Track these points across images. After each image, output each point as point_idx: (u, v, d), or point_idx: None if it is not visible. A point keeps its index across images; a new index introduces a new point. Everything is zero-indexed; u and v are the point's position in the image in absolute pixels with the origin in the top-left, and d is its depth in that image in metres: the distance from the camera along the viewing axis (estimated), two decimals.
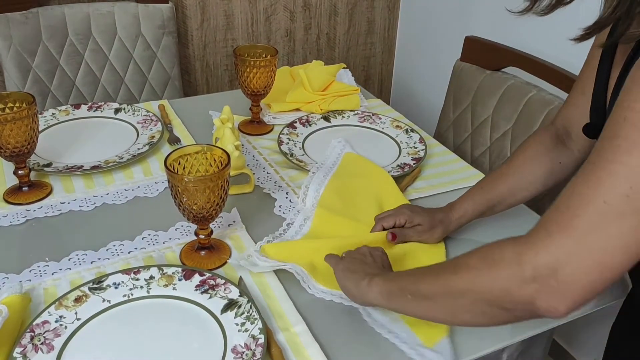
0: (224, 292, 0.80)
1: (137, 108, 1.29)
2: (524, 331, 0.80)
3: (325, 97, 1.36)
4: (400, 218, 0.93)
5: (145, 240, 0.93)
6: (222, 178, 0.82)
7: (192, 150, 0.86)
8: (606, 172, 0.52)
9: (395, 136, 1.27)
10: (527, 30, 1.62)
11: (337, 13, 2.12)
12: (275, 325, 0.77)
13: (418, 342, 0.75)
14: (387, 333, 0.77)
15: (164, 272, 0.83)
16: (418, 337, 0.76)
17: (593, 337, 1.60)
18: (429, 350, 0.73)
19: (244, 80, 1.22)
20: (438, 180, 1.13)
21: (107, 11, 1.66)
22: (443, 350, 0.74)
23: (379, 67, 2.33)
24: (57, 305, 0.77)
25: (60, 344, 0.72)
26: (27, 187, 1.02)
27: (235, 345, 0.72)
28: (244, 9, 1.95)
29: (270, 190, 1.08)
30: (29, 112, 0.95)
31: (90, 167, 1.09)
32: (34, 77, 1.63)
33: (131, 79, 1.76)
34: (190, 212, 0.83)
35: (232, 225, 0.97)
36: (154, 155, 1.17)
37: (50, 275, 0.85)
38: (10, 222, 0.96)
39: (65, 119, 1.26)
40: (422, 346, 0.74)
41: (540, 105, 1.26)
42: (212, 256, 0.89)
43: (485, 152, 1.41)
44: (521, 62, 1.32)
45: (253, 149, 1.22)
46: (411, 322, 0.77)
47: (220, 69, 2.02)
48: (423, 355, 0.73)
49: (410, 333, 0.76)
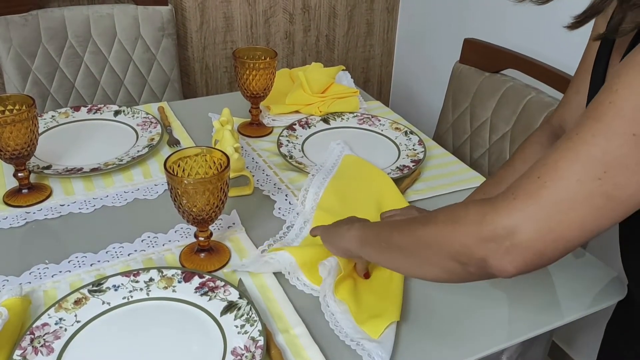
0: (223, 294, 0.80)
1: (136, 110, 1.30)
2: (524, 332, 0.80)
3: (324, 99, 1.36)
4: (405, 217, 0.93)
5: (144, 243, 0.93)
6: (222, 180, 0.82)
7: (192, 152, 0.86)
8: (584, 151, 0.53)
9: (395, 138, 1.27)
10: (526, 33, 1.62)
11: (336, 15, 2.12)
12: (274, 327, 0.78)
13: (362, 336, 0.76)
14: (334, 325, 0.78)
15: (164, 274, 0.83)
16: (363, 330, 0.77)
17: (592, 339, 1.61)
18: (369, 342, 0.74)
19: (243, 83, 1.22)
20: (437, 182, 1.13)
21: (106, 13, 1.66)
22: (385, 340, 0.75)
23: (378, 69, 2.33)
24: (56, 307, 0.77)
25: (60, 346, 0.72)
26: (27, 189, 1.02)
27: (235, 348, 0.72)
28: (243, 11, 1.95)
29: (270, 193, 1.08)
30: (29, 115, 0.95)
31: (90, 170, 1.09)
32: (34, 79, 1.63)
33: (131, 81, 1.76)
34: (190, 215, 0.83)
35: (231, 227, 0.97)
36: (153, 157, 1.17)
37: (50, 277, 0.85)
38: (10, 224, 0.96)
39: (64, 121, 1.27)
40: (365, 339, 0.75)
41: (539, 107, 1.26)
42: (211, 258, 0.89)
43: (484, 154, 1.41)
44: (520, 65, 1.32)
45: (252, 151, 1.22)
46: (357, 317, 0.78)
47: (220, 71, 2.02)
48: (363, 348, 0.74)
49: (355, 328, 0.77)
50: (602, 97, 0.54)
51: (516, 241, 0.55)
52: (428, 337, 0.78)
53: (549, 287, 0.88)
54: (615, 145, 0.51)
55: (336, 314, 0.79)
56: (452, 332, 0.79)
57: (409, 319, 0.81)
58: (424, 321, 0.81)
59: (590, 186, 0.52)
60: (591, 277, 0.90)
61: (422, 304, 0.83)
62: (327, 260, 0.83)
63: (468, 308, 0.83)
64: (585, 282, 0.89)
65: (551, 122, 0.91)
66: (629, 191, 0.52)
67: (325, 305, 0.80)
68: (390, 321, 0.77)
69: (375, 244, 0.73)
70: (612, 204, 0.52)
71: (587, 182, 0.52)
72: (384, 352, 0.73)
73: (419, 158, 1.18)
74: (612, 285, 0.89)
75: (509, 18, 1.69)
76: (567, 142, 0.55)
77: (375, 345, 0.74)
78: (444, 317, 0.82)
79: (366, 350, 0.74)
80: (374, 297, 0.82)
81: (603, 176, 0.52)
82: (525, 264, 0.56)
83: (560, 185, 0.53)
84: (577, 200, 0.53)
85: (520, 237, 0.55)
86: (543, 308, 0.84)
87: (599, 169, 0.52)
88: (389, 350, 0.74)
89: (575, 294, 0.87)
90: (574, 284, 0.89)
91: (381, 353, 0.73)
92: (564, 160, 0.54)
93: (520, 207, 0.55)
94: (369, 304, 0.80)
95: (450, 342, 0.78)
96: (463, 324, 0.81)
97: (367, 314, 0.79)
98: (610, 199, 0.52)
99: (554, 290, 0.88)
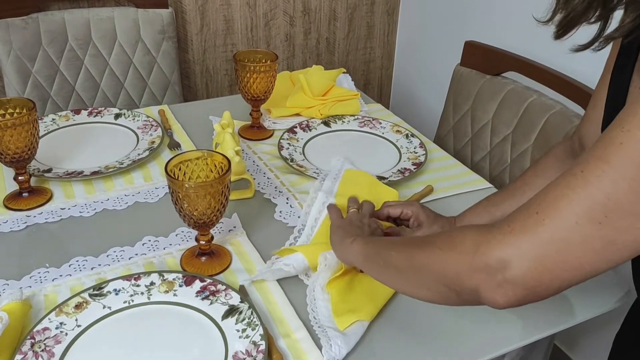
0: (224, 298, 0.80)
1: (137, 113, 1.29)
2: (525, 336, 0.80)
3: (325, 102, 1.36)
4: (407, 209, 0.93)
5: (145, 246, 0.93)
6: (223, 184, 0.82)
7: (193, 156, 0.86)
8: (586, 193, 0.51)
9: (396, 141, 1.27)
10: (526, 35, 1.62)
11: (336, 18, 2.12)
12: (276, 331, 0.77)
13: (331, 325, 0.77)
14: (310, 309, 0.80)
15: (165, 278, 0.83)
16: (334, 321, 0.78)
17: (594, 343, 1.60)
18: (334, 331, 0.76)
19: (244, 86, 1.22)
20: (438, 185, 1.13)
21: (107, 16, 1.66)
22: (350, 333, 0.76)
23: (379, 72, 2.33)
24: (57, 311, 0.76)
25: (61, 351, 0.72)
26: (27, 193, 1.02)
27: (236, 352, 0.72)
28: (244, 13, 1.95)
29: (271, 196, 1.08)
30: (29, 118, 0.95)
31: (91, 173, 1.08)
32: (34, 82, 1.63)
33: (131, 84, 1.76)
34: (191, 218, 0.83)
35: (232, 230, 0.97)
36: (154, 160, 1.16)
37: (51, 281, 0.85)
38: (11, 228, 0.96)
39: (65, 124, 1.26)
40: (331, 328, 0.77)
41: (540, 110, 1.26)
42: (212, 262, 0.89)
43: (485, 157, 1.41)
44: (521, 67, 1.32)
45: (253, 154, 1.22)
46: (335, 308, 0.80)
47: (220, 73, 2.02)
48: (326, 335, 0.75)
49: (329, 318, 0.79)
50: (613, 134, 0.51)
51: (508, 276, 0.54)
52: (427, 341, 0.78)
53: None
54: (621, 191, 0.49)
55: (317, 300, 0.81)
56: (452, 337, 0.79)
57: (407, 323, 0.81)
58: (422, 325, 0.81)
59: (589, 229, 0.50)
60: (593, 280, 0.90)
61: (421, 309, 0.83)
62: (330, 254, 0.84)
63: (468, 312, 0.83)
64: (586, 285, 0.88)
65: (572, 138, 0.89)
66: (630, 236, 0.50)
67: (312, 290, 0.83)
68: (359, 318, 0.78)
69: (374, 261, 0.73)
70: (612, 248, 0.51)
71: (586, 225, 0.51)
72: (343, 343, 0.74)
73: (420, 161, 1.18)
74: (614, 289, 0.88)
75: (510, 21, 1.69)
76: (571, 178, 0.52)
77: (337, 335, 0.75)
78: (443, 321, 0.81)
79: (328, 337, 0.75)
80: (358, 294, 0.83)
81: (604, 220, 0.50)
82: (517, 299, 0.55)
83: (557, 225, 0.52)
84: (574, 242, 0.51)
85: (513, 273, 0.54)
86: (544, 312, 0.84)
87: (600, 213, 0.50)
88: (350, 344, 0.75)
89: (577, 298, 0.87)
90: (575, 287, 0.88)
91: (340, 343, 0.74)
92: (565, 199, 0.52)
93: (514, 242, 0.54)
94: (351, 299, 0.82)
95: (450, 347, 0.77)
96: (463, 328, 0.81)
97: (345, 308, 0.80)
98: (610, 243, 0.50)
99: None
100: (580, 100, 1.18)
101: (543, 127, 1.25)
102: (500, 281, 0.54)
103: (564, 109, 1.22)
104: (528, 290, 0.54)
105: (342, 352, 0.73)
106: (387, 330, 0.79)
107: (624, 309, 0.87)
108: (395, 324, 0.80)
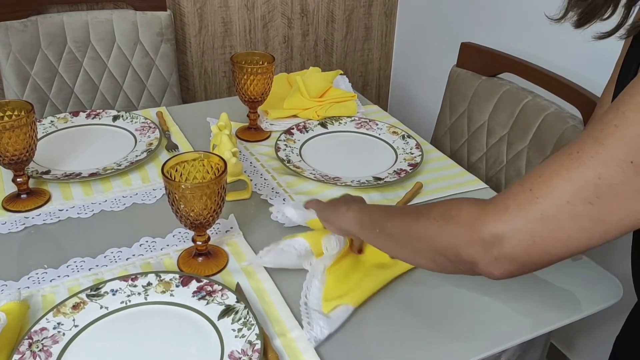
0: (221, 298, 0.80)
1: (135, 115, 1.30)
2: (521, 334, 0.80)
3: (322, 104, 1.37)
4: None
5: (142, 247, 0.93)
6: (219, 185, 0.82)
7: (190, 157, 0.86)
8: (579, 173, 0.53)
9: (392, 142, 1.28)
10: (522, 37, 1.63)
11: (334, 19, 2.13)
12: (272, 331, 0.78)
13: (316, 309, 0.79)
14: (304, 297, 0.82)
15: (162, 278, 0.83)
16: (322, 304, 0.80)
17: (591, 341, 1.61)
18: (318, 313, 0.78)
19: (241, 87, 1.23)
20: (434, 186, 1.14)
21: (105, 19, 1.67)
22: (334, 316, 0.78)
23: (377, 73, 2.34)
24: (55, 312, 0.77)
25: (58, 351, 0.73)
26: (26, 194, 1.03)
27: (232, 351, 0.73)
28: (242, 16, 1.96)
29: (268, 197, 1.08)
30: (28, 120, 0.95)
31: (89, 175, 1.09)
32: (33, 84, 1.64)
33: (129, 86, 1.76)
34: (188, 219, 0.83)
35: (229, 231, 0.98)
36: (152, 162, 1.17)
37: (49, 282, 0.85)
38: (9, 229, 0.96)
39: (63, 126, 1.27)
40: (316, 311, 0.79)
41: (536, 111, 1.27)
42: (209, 262, 0.89)
43: (481, 158, 1.42)
44: (517, 68, 1.33)
45: (250, 155, 1.23)
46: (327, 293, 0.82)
47: (219, 75, 2.03)
48: (309, 317, 0.78)
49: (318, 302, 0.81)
50: (610, 117, 0.52)
51: (503, 251, 0.57)
52: (423, 339, 0.79)
53: (546, 290, 0.88)
54: (612, 173, 0.51)
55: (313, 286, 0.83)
56: (449, 334, 0.79)
57: (404, 321, 0.81)
58: (419, 323, 0.81)
59: (580, 209, 0.52)
60: (588, 279, 0.91)
61: (418, 306, 0.84)
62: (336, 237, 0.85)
63: (465, 309, 0.84)
64: (582, 284, 0.90)
65: None
66: (619, 216, 0.52)
67: (311, 276, 0.84)
68: (344, 302, 0.80)
69: (370, 229, 0.75)
70: (601, 227, 0.53)
71: (577, 204, 0.52)
72: (326, 325, 0.76)
73: (416, 162, 1.19)
74: (608, 288, 0.89)
75: (506, 22, 1.70)
76: (566, 157, 0.54)
77: (320, 317, 0.77)
78: (440, 319, 0.82)
79: (310, 318, 0.77)
80: (351, 280, 0.84)
81: (595, 201, 0.52)
82: (510, 272, 0.58)
83: (550, 203, 0.54)
84: (564, 219, 0.53)
85: (506, 248, 0.56)
86: (540, 310, 0.85)
87: (592, 193, 0.52)
88: (332, 326, 0.77)
89: (573, 296, 0.87)
90: (570, 286, 0.89)
91: (323, 324, 0.76)
92: (558, 178, 0.54)
93: (508, 219, 0.56)
94: (343, 287, 0.83)
95: (447, 344, 0.78)
96: (460, 325, 0.81)
97: (335, 294, 0.81)
98: (600, 222, 0.52)
99: (550, 292, 0.88)
100: (575, 101, 1.18)
101: (538, 127, 1.26)
102: (496, 255, 0.57)
103: (559, 109, 1.23)
104: (521, 264, 0.57)
105: (324, 332, 0.76)
106: (384, 328, 0.80)
107: (621, 309, 0.88)
108: (392, 322, 0.81)
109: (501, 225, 0.57)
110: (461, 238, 0.60)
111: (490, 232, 0.57)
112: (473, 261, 0.59)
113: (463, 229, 0.60)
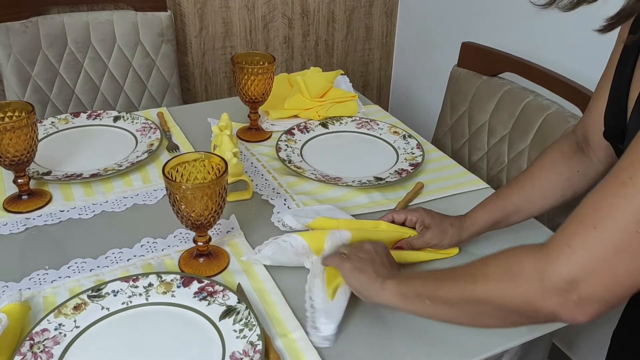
0: (222, 299, 0.80)
1: (136, 116, 1.30)
2: (523, 335, 0.80)
3: (323, 104, 1.37)
4: (412, 215, 0.93)
5: (144, 248, 0.93)
6: (220, 185, 0.82)
7: (190, 157, 0.86)
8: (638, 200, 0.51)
9: (393, 142, 1.28)
10: (523, 36, 1.63)
11: (335, 20, 2.13)
12: (273, 332, 0.78)
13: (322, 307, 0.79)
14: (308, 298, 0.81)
15: (163, 279, 0.83)
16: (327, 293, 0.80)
17: (593, 341, 1.60)
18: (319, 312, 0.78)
19: (241, 88, 1.23)
20: (436, 186, 1.13)
21: (106, 20, 1.67)
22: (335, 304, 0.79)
23: (377, 73, 2.34)
24: (56, 313, 0.77)
25: (60, 352, 0.73)
26: (27, 195, 1.03)
27: (234, 352, 0.72)
28: (242, 16, 1.96)
29: (269, 197, 1.08)
30: (29, 121, 0.95)
31: (90, 175, 1.09)
32: (34, 85, 1.64)
33: (130, 86, 1.77)
34: (189, 220, 0.83)
35: (230, 232, 0.98)
36: (152, 162, 1.17)
37: (50, 283, 0.85)
38: (10, 230, 0.96)
39: (64, 127, 1.27)
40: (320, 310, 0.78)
41: (537, 110, 1.27)
42: (210, 263, 0.89)
43: (482, 158, 1.42)
44: (518, 68, 1.33)
45: (251, 155, 1.23)
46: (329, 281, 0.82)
47: (219, 76, 2.03)
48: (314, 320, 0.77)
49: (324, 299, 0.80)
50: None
51: (582, 295, 0.54)
52: (425, 339, 0.79)
53: None
54: None
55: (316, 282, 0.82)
56: (450, 335, 0.79)
57: (404, 321, 0.81)
58: (420, 323, 0.81)
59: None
60: None
61: None
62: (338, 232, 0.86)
63: None
64: None
65: (575, 132, 0.89)
66: None
67: (312, 276, 0.83)
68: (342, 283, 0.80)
69: (417, 301, 0.70)
70: None
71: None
72: (328, 318, 0.76)
73: (417, 162, 1.18)
74: None
75: (507, 22, 1.70)
76: (619, 186, 0.53)
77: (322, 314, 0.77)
78: None
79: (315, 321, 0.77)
80: None
81: None
82: (596, 313, 0.55)
83: (618, 237, 0.52)
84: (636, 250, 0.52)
85: (584, 291, 0.54)
86: None
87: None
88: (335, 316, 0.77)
89: None
90: None
91: (325, 320, 0.76)
92: (620, 210, 0.52)
93: (579, 261, 0.54)
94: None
95: (448, 345, 0.78)
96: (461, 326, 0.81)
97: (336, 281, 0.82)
98: None
99: None
100: (576, 101, 1.18)
101: (540, 127, 1.26)
102: (576, 301, 0.55)
103: (560, 109, 1.23)
104: (604, 303, 0.55)
105: (330, 326, 0.75)
106: (384, 329, 0.80)
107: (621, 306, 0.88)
108: (392, 323, 0.81)
109: (573, 269, 0.54)
110: (535, 293, 0.57)
111: (564, 279, 0.55)
112: (554, 312, 0.57)
113: (535, 284, 0.57)
